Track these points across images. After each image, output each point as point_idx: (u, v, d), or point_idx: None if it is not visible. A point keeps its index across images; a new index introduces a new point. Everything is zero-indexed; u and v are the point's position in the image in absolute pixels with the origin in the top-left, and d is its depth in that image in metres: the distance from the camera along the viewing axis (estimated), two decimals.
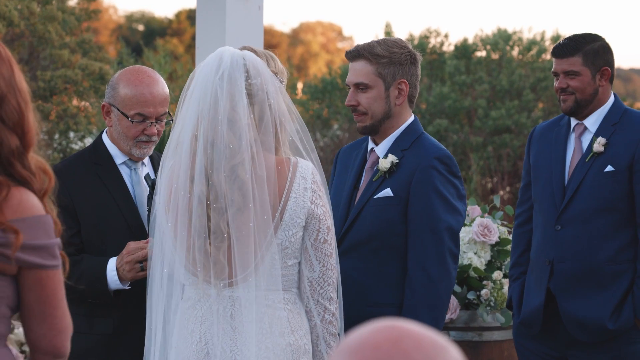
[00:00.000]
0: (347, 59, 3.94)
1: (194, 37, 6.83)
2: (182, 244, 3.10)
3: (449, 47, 17.11)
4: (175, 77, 16.97)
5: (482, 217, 5.25)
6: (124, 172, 3.88)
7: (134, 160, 3.88)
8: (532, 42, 16.58)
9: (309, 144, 3.20)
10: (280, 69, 3.30)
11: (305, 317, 3.18)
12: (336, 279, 3.21)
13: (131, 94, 3.78)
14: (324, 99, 17.15)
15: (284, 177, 3.11)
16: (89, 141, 11.49)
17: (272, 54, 3.32)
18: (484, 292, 5.01)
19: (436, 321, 3.72)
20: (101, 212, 3.77)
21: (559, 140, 4.43)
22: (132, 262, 3.62)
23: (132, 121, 3.79)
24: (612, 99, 4.40)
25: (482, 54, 16.66)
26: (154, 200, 3.27)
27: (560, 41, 4.44)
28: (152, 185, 3.74)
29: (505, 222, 5.40)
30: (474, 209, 5.33)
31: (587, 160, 4.31)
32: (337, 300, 3.21)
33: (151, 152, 3.90)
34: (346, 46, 46.42)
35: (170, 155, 3.17)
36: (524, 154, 4.60)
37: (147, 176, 3.83)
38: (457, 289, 5.03)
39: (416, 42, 16.65)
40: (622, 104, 4.41)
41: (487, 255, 5.14)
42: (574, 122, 4.42)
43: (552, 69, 4.44)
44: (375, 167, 3.90)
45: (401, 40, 3.94)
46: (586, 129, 4.38)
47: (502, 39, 16.48)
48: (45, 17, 11.44)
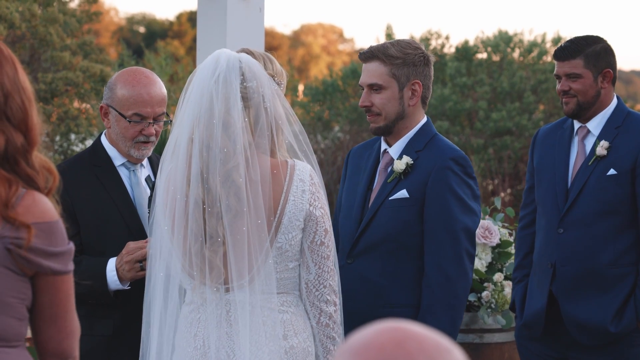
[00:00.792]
0: (361, 60, 3.95)
1: (195, 39, 6.84)
2: (180, 247, 3.10)
3: (449, 49, 17.12)
4: (176, 79, 16.99)
5: (483, 219, 5.25)
6: (123, 173, 3.88)
7: (132, 162, 3.88)
8: (533, 44, 16.58)
9: (307, 146, 3.19)
10: (278, 71, 3.28)
11: (308, 320, 3.18)
12: (335, 281, 3.20)
13: (128, 95, 3.79)
14: (325, 101, 17.14)
15: (281, 180, 3.11)
16: (89, 143, 11.47)
17: (270, 56, 3.31)
18: (484, 294, 5.00)
19: (454, 321, 3.73)
20: (100, 214, 3.77)
21: (562, 143, 4.43)
22: (132, 262, 3.62)
23: (129, 122, 3.79)
24: (615, 102, 4.40)
25: (483, 55, 16.66)
26: (153, 202, 3.27)
27: (561, 44, 4.44)
28: (153, 187, 3.74)
29: (506, 224, 5.39)
30: None
31: (590, 163, 4.31)
32: (337, 302, 3.21)
33: (150, 153, 3.90)
34: (347, 48, 46.44)
35: (168, 158, 3.17)
36: (527, 157, 4.62)
37: (147, 178, 3.83)
38: None
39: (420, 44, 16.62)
40: (625, 107, 4.41)
41: (488, 257, 5.13)
42: (577, 125, 4.42)
43: (554, 72, 4.44)
44: (389, 168, 3.91)
45: (414, 41, 3.95)
46: (589, 132, 4.38)
47: (503, 41, 16.47)
48: (46, 19, 11.45)
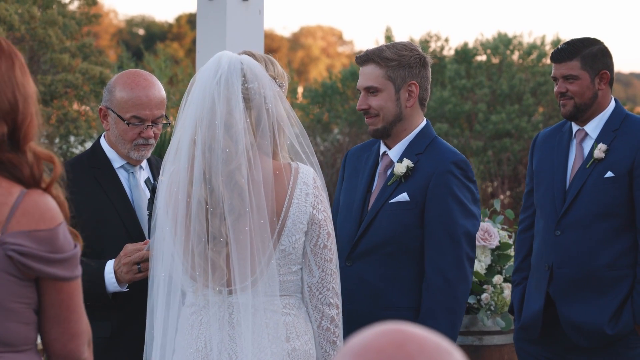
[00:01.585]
0: (357, 63, 3.97)
1: (194, 41, 6.83)
2: (182, 249, 3.10)
3: (449, 52, 17.15)
4: (175, 81, 17.00)
5: (482, 221, 5.25)
6: (122, 176, 3.88)
7: (132, 164, 3.88)
8: (533, 47, 16.60)
9: (308, 148, 3.19)
10: (279, 73, 3.29)
11: (309, 322, 3.18)
12: (338, 284, 3.20)
13: (127, 97, 3.78)
14: (325, 103, 17.16)
15: (285, 183, 3.11)
16: (89, 145, 11.48)
17: (272, 58, 3.32)
18: (484, 296, 5.00)
19: (454, 324, 3.74)
20: (99, 216, 3.77)
21: (560, 146, 4.44)
22: (130, 264, 3.62)
23: (128, 124, 3.79)
24: (613, 104, 4.40)
25: (482, 58, 16.69)
26: (154, 204, 3.26)
27: (558, 46, 4.45)
28: (152, 189, 3.74)
29: (505, 227, 5.40)
30: None
31: (587, 166, 4.31)
32: (339, 305, 3.21)
33: (149, 155, 3.90)
34: (346, 50, 46.47)
35: (170, 160, 3.17)
36: (526, 159, 4.64)
37: (147, 180, 3.83)
38: None
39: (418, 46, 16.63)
40: (623, 110, 4.42)
41: (487, 259, 5.13)
42: (575, 128, 4.43)
43: (552, 74, 4.45)
44: (389, 171, 3.91)
45: (410, 43, 3.97)
46: (587, 134, 4.39)
47: (502, 43, 16.49)
48: (45, 21, 11.46)
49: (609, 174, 4.27)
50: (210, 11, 5.70)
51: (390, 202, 3.84)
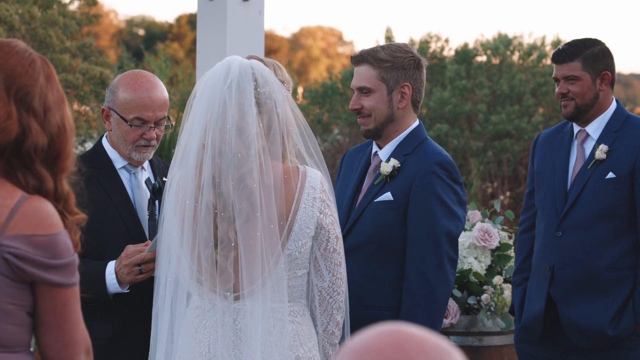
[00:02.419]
0: (352, 63, 3.99)
1: (194, 42, 6.84)
2: (189, 252, 3.09)
3: (449, 52, 17.13)
4: (175, 81, 16.99)
5: (482, 222, 5.25)
6: (124, 176, 3.88)
7: (133, 164, 3.88)
8: (533, 47, 16.59)
9: (316, 153, 3.20)
10: (286, 78, 3.32)
11: (313, 328, 3.18)
12: (345, 288, 3.21)
13: (130, 98, 3.78)
14: (325, 104, 17.15)
15: (292, 187, 3.12)
16: (89, 145, 11.50)
17: (279, 64, 3.34)
18: (484, 297, 5.01)
19: (433, 325, 3.73)
20: (101, 216, 3.76)
21: (562, 147, 4.44)
22: (131, 265, 3.61)
23: (131, 125, 3.79)
24: (614, 105, 4.41)
25: (482, 58, 16.67)
26: (162, 206, 3.26)
27: (559, 47, 4.45)
28: (152, 189, 3.74)
29: (505, 227, 5.40)
30: (474, 214, 5.33)
31: (589, 167, 4.31)
32: (344, 310, 3.21)
33: (151, 156, 3.90)
34: (346, 51, 46.45)
35: (177, 164, 3.17)
36: (526, 159, 4.64)
37: (147, 181, 3.82)
38: (458, 293, 5.03)
39: (417, 47, 16.65)
40: (624, 110, 4.42)
41: (487, 260, 5.14)
42: (576, 128, 4.43)
43: (553, 75, 4.45)
44: (377, 171, 3.92)
45: (405, 45, 3.98)
46: (588, 135, 4.39)
47: (502, 44, 16.49)
48: (46, 21, 11.46)
49: (611, 175, 4.27)
50: (210, 11, 5.70)
51: (375, 201, 3.85)
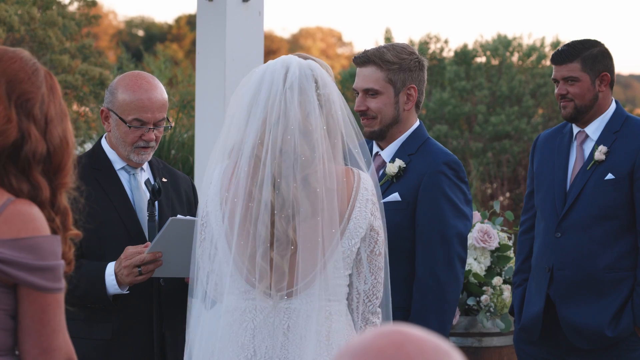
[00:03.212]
0: (356, 64, 3.95)
1: (194, 43, 6.84)
2: (240, 252, 3.06)
3: (448, 53, 17.15)
4: (175, 82, 16.98)
5: (482, 222, 5.25)
6: (123, 177, 3.87)
7: (132, 165, 3.88)
8: (532, 48, 16.61)
9: (365, 155, 3.20)
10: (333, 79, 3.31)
11: (354, 328, 3.15)
12: (382, 293, 3.19)
13: (129, 100, 3.78)
14: None
15: (350, 187, 3.11)
16: (89, 146, 11.50)
17: (325, 64, 3.32)
18: (483, 298, 5.01)
19: (444, 325, 3.74)
20: (100, 217, 3.76)
21: (561, 148, 4.44)
22: (130, 267, 3.61)
23: (130, 127, 3.78)
24: (613, 106, 4.41)
25: (482, 59, 16.70)
26: (204, 205, 3.19)
27: (559, 48, 4.45)
28: (152, 190, 3.73)
29: (505, 228, 5.40)
30: (473, 215, 5.33)
31: (588, 168, 4.32)
32: (380, 314, 3.19)
33: (150, 157, 3.89)
34: (346, 52, 46.48)
35: (219, 159, 3.14)
36: (526, 160, 4.65)
37: (147, 181, 3.82)
38: None
39: (416, 47, 16.63)
40: (623, 111, 4.42)
41: (487, 261, 5.14)
42: (576, 129, 4.43)
43: (552, 76, 4.45)
44: (381, 171, 3.91)
45: (409, 46, 3.97)
46: (588, 136, 4.39)
47: (502, 45, 16.51)
48: (45, 22, 11.47)
49: (610, 176, 4.27)
50: (210, 12, 5.70)
51: (381, 202, 3.85)
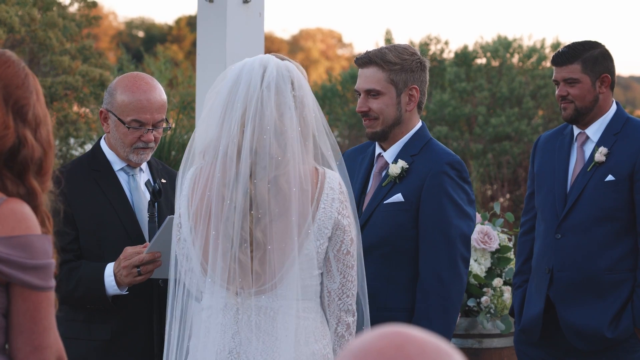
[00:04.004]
0: (357, 65, 3.95)
1: (194, 44, 6.84)
2: (208, 251, 3.07)
3: (449, 54, 17.15)
4: (175, 83, 16.97)
5: (482, 224, 5.25)
6: (122, 178, 3.88)
7: (132, 166, 3.88)
8: (532, 50, 16.61)
9: (337, 156, 3.20)
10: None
11: (327, 326, 3.18)
12: (356, 291, 3.19)
13: (128, 101, 3.78)
14: (324, 106, 17.17)
15: (313, 188, 3.11)
16: (89, 147, 11.49)
17: (302, 68, 3.32)
18: (484, 299, 5.01)
19: (448, 325, 3.74)
20: (99, 218, 3.77)
21: (562, 149, 4.44)
22: (129, 267, 3.61)
23: (128, 127, 3.79)
24: (614, 108, 4.41)
25: (482, 61, 16.69)
26: (176, 205, 3.21)
27: (559, 49, 4.45)
28: (152, 191, 3.73)
29: (505, 229, 5.40)
30: None
31: (588, 169, 4.32)
32: (355, 312, 3.20)
33: (149, 158, 3.90)
34: (346, 53, 46.49)
35: (193, 160, 3.15)
36: (526, 162, 4.65)
37: (147, 182, 3.82)
38: None
39: (416, 49, 16.66)
40: (624, 113, 4.42)
41: (487, 262, 5.14)
42: (576, 131, 4.43)
43: (553, 77, 4.46)
44: (383, 172, 3.91)
45: (410, 46, 3.97)
46: (588, 138, 4.39)
47: (502, 46, 16.51)
48: (45, 23, 11.46)
49: (610, 178, 4.27)
50: (210, 13, 5.70)
51: (384, 202, 3.84)
